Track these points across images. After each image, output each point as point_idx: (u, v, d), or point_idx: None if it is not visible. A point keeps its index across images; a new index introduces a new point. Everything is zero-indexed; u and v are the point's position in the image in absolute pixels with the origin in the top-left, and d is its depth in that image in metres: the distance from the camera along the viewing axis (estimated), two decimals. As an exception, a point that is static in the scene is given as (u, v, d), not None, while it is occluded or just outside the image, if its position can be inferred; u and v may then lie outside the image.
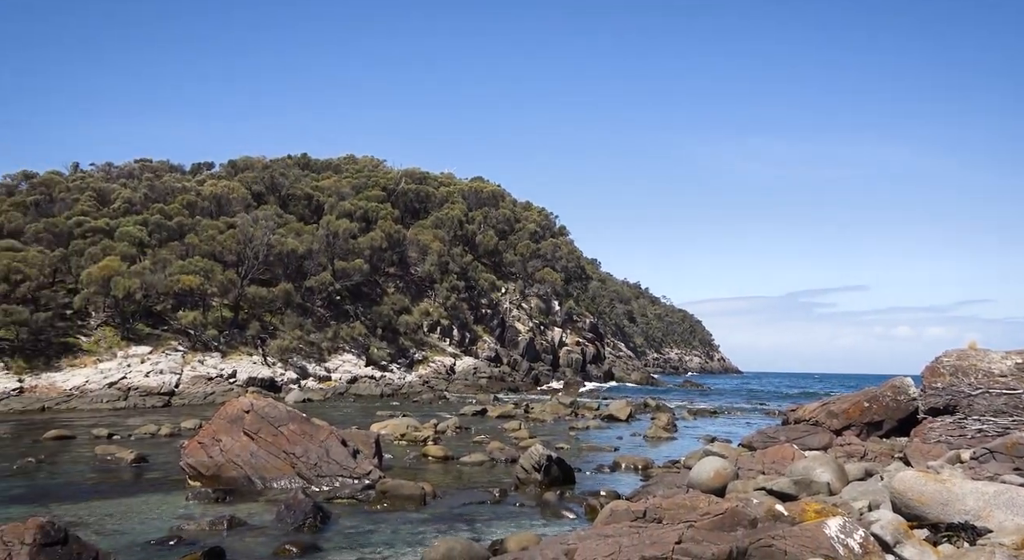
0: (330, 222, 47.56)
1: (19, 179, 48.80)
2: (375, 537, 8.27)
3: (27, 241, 38.93)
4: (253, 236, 41.73)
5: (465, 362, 48.06)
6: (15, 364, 32.90)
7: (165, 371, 33.37)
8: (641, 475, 12.82)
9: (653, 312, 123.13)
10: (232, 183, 50.75)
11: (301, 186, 54.29)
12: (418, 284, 53.64)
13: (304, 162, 64.12)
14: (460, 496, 10.64)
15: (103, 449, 15.01)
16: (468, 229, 58.49)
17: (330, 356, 41.31)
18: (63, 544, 6.01)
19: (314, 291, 44.15)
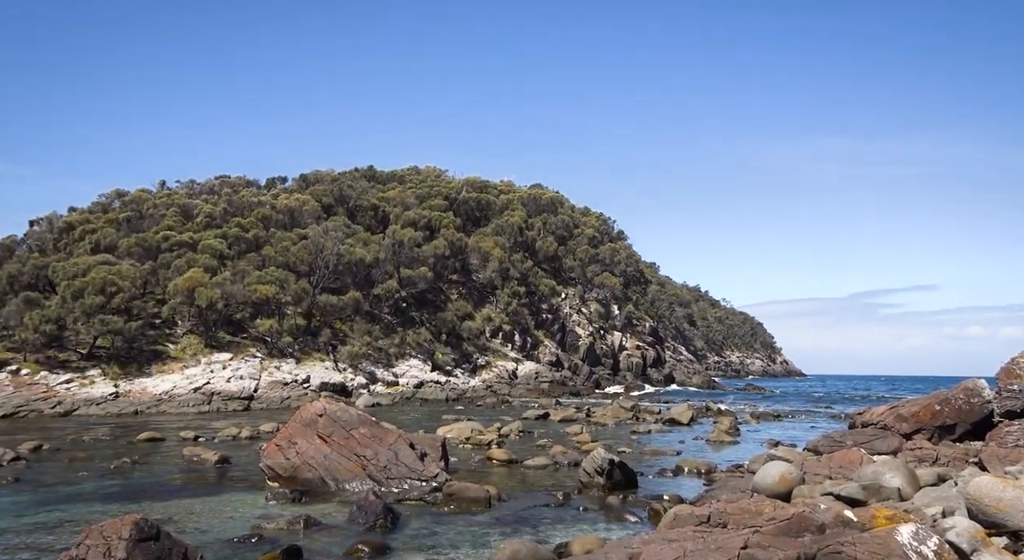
0: (395, 231, 48.71)
1: (112, 197, 51.95)
2: (442, 538, 8.59)
3: (120, 255, 41.42)
4: (324, 246, 43.16)
5: (527, 367, 48.35)
6: (111, 371, 35.06)
7: (245, 377, 34.88)
8: (704, 479, 12.78)
9: (713, 315, 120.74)
10: (304, 196, 52.61)
11: (368, 197, 55.78)
12: (480, 290, 54.31)
13: (370, 174, 65.83)
14: (524, 499, 10.87)
15: (190, 450, 15.94)
16: (528, 235, 58.86)
17: (397, 361, 42.28)
18: (155, 540, 6.54)
19: (381, 298, 45.30)
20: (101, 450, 17.40)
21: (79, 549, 6.14)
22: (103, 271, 37.24)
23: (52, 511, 10.20)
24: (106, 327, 35.24)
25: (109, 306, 36.00)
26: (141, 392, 33.34)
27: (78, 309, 35.45)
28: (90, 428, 23.54)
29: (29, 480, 12.90)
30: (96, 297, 35.72)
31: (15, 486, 12.28)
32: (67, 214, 49.62)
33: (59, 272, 38.53)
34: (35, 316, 35.21)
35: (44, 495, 11.47)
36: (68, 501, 10.96)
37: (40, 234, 47.63)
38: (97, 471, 13.95)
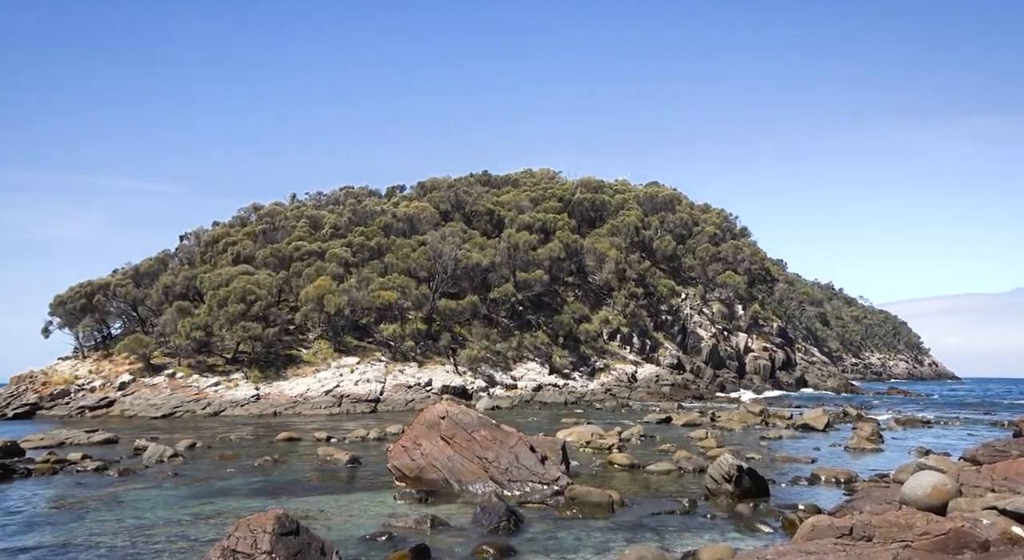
0: (511, 235, 49.28)
1: (250, 211, 55.90)
2: (565, 542, 8.55)
3: (258, 265, 44.45)
4: (442, 252, 44.35)
5: (646, 370, 47.45)
6: (252, 374, 37.65)
7: (371, 380, 36.41)
8: (844, 489, 12.01)
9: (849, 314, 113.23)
10: (422, 203, 54.35)
11: (483, 202, 56.80)
12: (596, 292, 53.90)
13: (485, 179, 67.02)
14: (648, 505, 10.64)
15: (324, 450, 16.79)
16: (644, 235, 57.82)
17: (515, 364, 42.70)
18: (295, 534, 6.90)
19: (498, 302, 45.95)
20: (246, 449, 18.67)
21: (230, 540, 6.58)
22: (243, 281, 40.08)
23: (206, 504, 11.04)
24: (247, 333, 37.89)
25: (249, 313, 38.67)
26: (279, 394, 35.55)
27: (223, 317, 38.31)
28: (235, 428, 25.35)
29: (186, 475, 14.04)
30: (238, 305, 38.47)
31: (175, 480, 13.40)
32: (211, 228, 53.83)
33: (206, 282, 41.85)
34: (187, 323, 38.40)
35: (198, 489, 12.43)
36: (219, 495, 11.81)
37: (189, 248, 51.97)
38: (243, 468, 14.97)
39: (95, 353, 43.82)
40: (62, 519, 10.21)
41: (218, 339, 39.40)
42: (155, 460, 16.05)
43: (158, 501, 11.35)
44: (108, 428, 23.97)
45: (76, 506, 11.12)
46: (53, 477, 14.29)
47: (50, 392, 38.19)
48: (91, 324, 45.17)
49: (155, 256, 50.41)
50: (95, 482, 13.48)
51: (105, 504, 11.16)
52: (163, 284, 44.04)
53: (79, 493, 12.26)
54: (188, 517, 10.08)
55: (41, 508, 11.11)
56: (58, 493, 12.40)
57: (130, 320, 46.46)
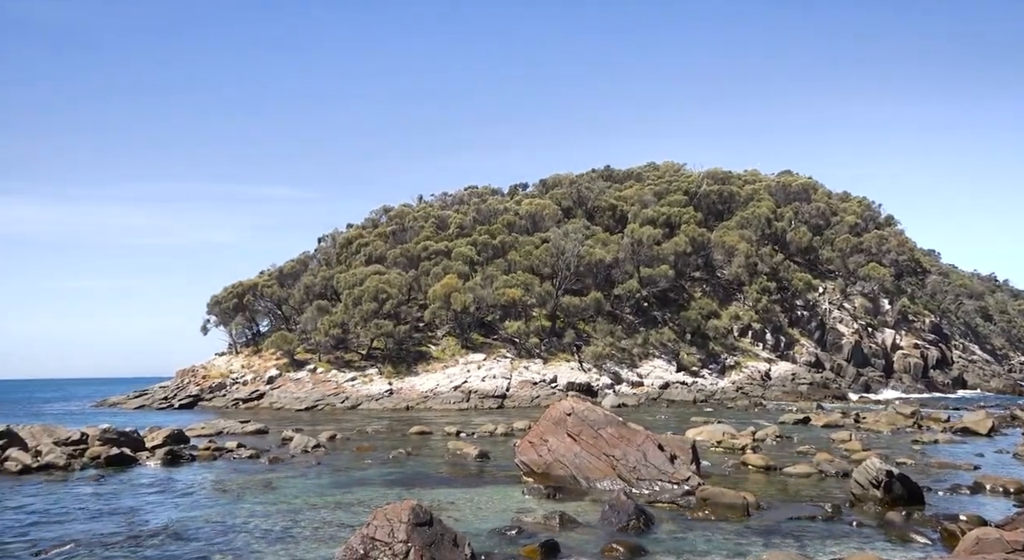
0: (634, 230, 48.53)
1: (380, 213, 58.52)
2: (697, 544, 8.29)
3: (388, 265, 46.44)
4: (564, 249, 44.39)
5: (781, 367, 45.22)
6: (386, 369, 39.40)
7: (497, 376, 37.07)
8: (1013, 500, 10.88)
9: (1016, 308, 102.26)
10: (544, 201, 54.65)
11: (605, 197, 56.31)
12: (725, 287, 52.00)
13: (607, 174, 66.42)
14: (785, 509, 10.12)
15: (453, 444, 17.28)
16: (777, 227, 55.11)
17: (641, 361, 42.02)
18: (429, 525, 7.12)
19: (622, 298, 45.39)
20: (381, 441, 19.55)
21: (369, 528, 6.89)
22: (376, 280, 41.99)
23: (346, 492, 11.65)
24: (380, 330, 39.67)
25: (381, 311, 40.46)
26: (410, 389, 36.96)
27: (357, 315, 40.32)
28: (371, 421, 26.59)
29: (328, 464, 14.90)
30: (371, 304, 40.35)
31: (318, 469, 14.25)
32: (346, 230, 56.80)
33: (341, 282, 44.21)
34: (325, 321, 40.73)
35: (339, 478, 13.14)
36: (357, 484, 12.42)
37: (326, 249, 55.10)
38: (379, 459, 15.68)
39: (246, 349, 47.46)
40: (222, 500, 11.11)
41: (354, 336, 41.50)
42: (300, 450, 17.14)
43: (304, 488, 12.11)
44: (259, 419, 25.88)
45: (234, 489, 12.07)
46: (213, 462, 15.60)
47: (209, 385, 41.75)
48: (242, 322, 48.97)
49: (296, 258, 53.90)
50: (249, 468, 14.58)
51: (258, 489, 12.04)
52: (304, 284, 46.97)
53: (236, 478, 13.30)
54: (330, 504, 10.67)
55: (205, 490, 12.15)
56: (218, 477, 13.52)
57: (276, 318, 49.94)
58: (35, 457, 14.51)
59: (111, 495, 11.64)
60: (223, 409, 36.83)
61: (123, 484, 12.77)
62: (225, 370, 43.90)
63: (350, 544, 6.86)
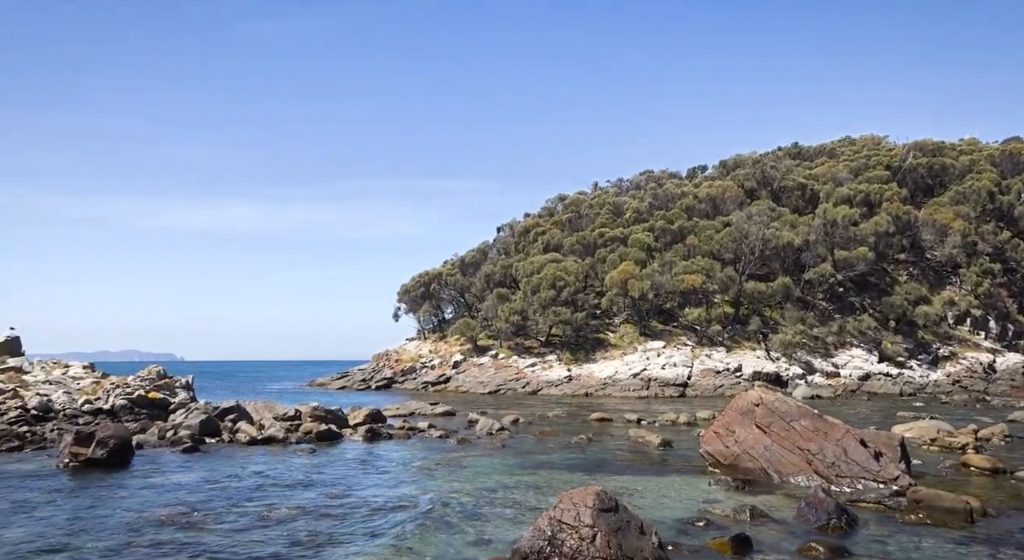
0: (827, 210, 44.97)
1: (556, 202, 59.22)
2: (909, 551, 7.53)
3: (565, 253, 46.93)
4: (748, 232, 42.21)
5: (1008, 359, 39.83)
6: (564, 356, 39.93)
7: (678, 364, 36.19)
8: None
9: None
10: (725, 182, 52.30)
11: (793, 177, 52.71)
12: (937, 270, 46.66)
13: (795, 151, 62.13)
14: (1020, 518, 8.91)
15: (635, 432, 17.12)
16: (1002, 201, 48.39)
17: (836, 351, 39.00)
18: (615, 512, 7.09)
19: (814, 283, 42.35)
20: (562, 426, 19.85)
21: (555, 511, 7.00)
22: (553, 268, 42.59)
23: (531, 474, 11.95)
24: (558, 317, 40.22)
25: (559, 299, 40.98)
26: (589, 376, 37.15)
27: (536, 302, 41.17)
28: (551, 406, 27.09)
29: (512, 447, 15.39)
30: (549, 291, 41.01)
31: (503, 451, 14.77)
32: (523, 219, 58.11)
33: (520, 270, 45.35)
34: (505, 308, 42.03)
35: (524, 461, 13.52)
36: (541, 467, 12.70)
37: (504, 239, 56.76)
38: (561, 444, 15.93)
39: (433, 335, 50.28)
40: (418, 477, 11.87)
41: (533, 323, 42.45)
42: (486, 432, 17.85)
43: (491, 468, 12.59)
44: (446, 401, 27.32)
45: (428, 466, 12.85)
46: (407, 441, 16.70)
47: (401, 369, 44.77)
48: (429, 309, 51.93)
49: (477, 247, 56.08)
50: (439, 447, 15.44)
51: (450, 467, 12.70)
52: (484, 273, 48.79)
53: (429, 456, 14.15)
54: (517, 484, 11.00)
55: (403, 466, 13.05)
56: (413, 455, 14.46)
57: (459, 305, 52.40)
58: (259, 430, 16.37)
59: (323, 466, 12.85)
60: (414, 391, 39.34)
61: (332, 457, 14.05)
62: (415, 355, 46.84)
63: (538, 525, 7.01)
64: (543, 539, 6.86)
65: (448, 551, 7.41)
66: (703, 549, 7.49)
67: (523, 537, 7.15)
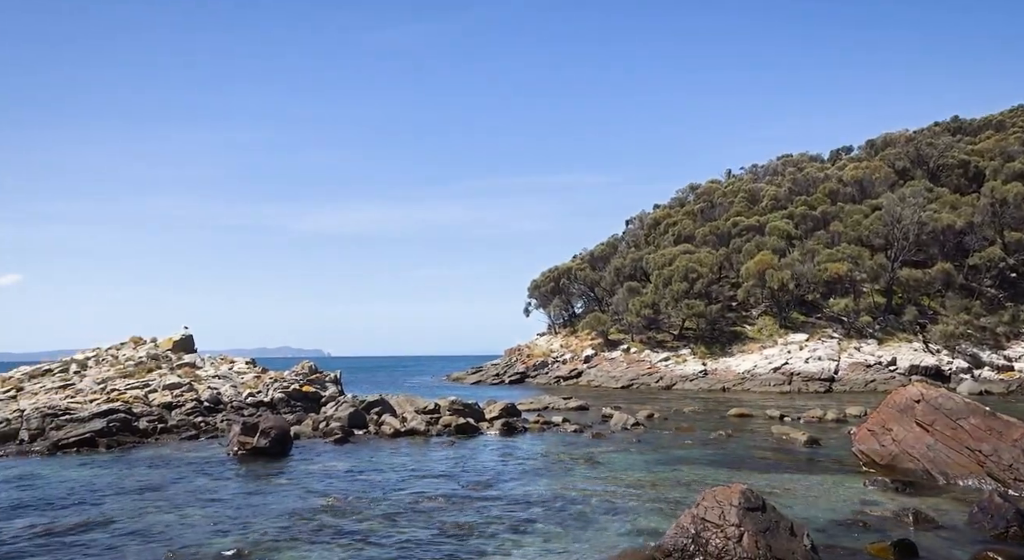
0: (994, 189, 40.73)
1: (687, 191, 57.65)
2: (1110, 566, 6.70)
3: (697, 244, 45.59)
4: (901, 216, 39.08)
5: None
6: (699, 350, 38.85)
7: (823, 358, 34.19)
8: None
9: None
10: (873, 163, 48.75)
11: (952, 153, 48.19)
12: None
13: (954, 126, 56.80)
14: None
15: (777, 429, 16.37)
16: None
17: (1009, 342, 35.31)
18: (762, 511, 6.82)
19: (980, 269, 38.55)
20: (699, 421, 19.32)
21: (699, 509, 6.84)
22: (685, 260, 41.49)
23: (669, 470, 11.73)
24: (691, 310, 39.15)
25: (692, 291, 39.87)
26: (725, 370, 35.89)
27: (668, 295, 40.29)
28: (686, 401, 26.44)
29: (648, 442, 15.18)
30: (681, 283, 39.99)
31: (639, 446, 14.60)
32: (652, 211, 57.03)
33: (651, 263, 44.55)
34: (636, 302, 41.46)
35: (661, 456, 13.29)
36: (680, 463, 12.44)
37: (634, 231, 55.96)
38: (699, 439, 15.52)
39: (563, 330, 50.47)
40: (557, 471, 11.97)
41: (665, 316, 41.58)
42: (620, 427, 17.71)
43: (627, 463, 12.48)
44: (578, 396, 27.35)
45: (565, 461, 12.93)
46: (543, 434, 16.89)
47: (533, 363, 45.30)
48: (559, 304, 52.18)
49: (606, 241, 55.66)
50: (575, 442, 15.50)
51: (585, 462, 12.72)
52: (614, 266, 48.33)
53: (564, 450, 14.24)
54: (656, 481, 10.84)
55: (540, 459, 13.22)
56: (549, 448, 14.61)
57: (589, 300, 52.26)
58: (402, 423, 17.14)
59: (464, 459, 13.26)
60: (546, 386, 39.70)
61: (472, 450, 14.46)
62: (546, 349, 47.24)
63: (681, 522, 6.88)
64: (687, 537, 6.72)
65: (590, 546, 7.43)
66: (860, 553, 7.04)
67: (666, 534, 7.03)
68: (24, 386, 20.15)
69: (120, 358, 22.67)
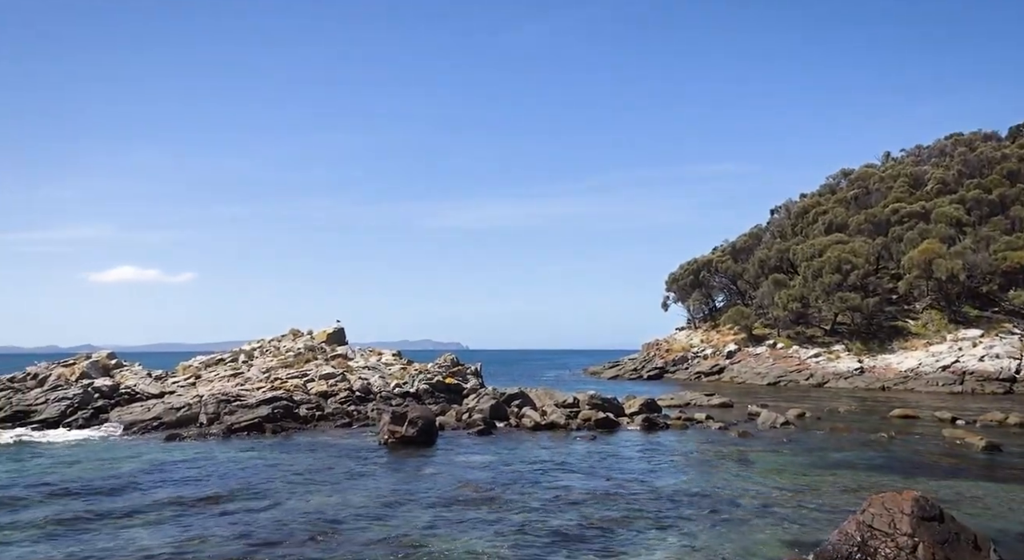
0: None
1: (839, 177, 53.91)
2: None
3: (851, 233, 42.54)
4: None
5: None
6: (854, 346, 36.32)
7: (1001, 355, 30.85)
8: None
9: None
10: (1059, 138, 43.31)
11: None
12: None
13: None
14: None
15: (950, 432, 14.96)
16: None
17: None
18: (939, 521, 6.20)
19: None
20: (856, 422, 18.03)
21: (865, 516, 6.34)
22: (837, 250, 38.84)
23: (827, 473, 10.99)
24: (844, 304, 36.62)
25: (845, 283, 37.27)
26: (885, 368, 33.28)
27: (818, 287, 37.92)
28: (840, 400, 24.77)
29: (800, 442, 14.35)
30: (833, 275, 37.50)
31: (790, 446, 13.83)
32: (799, 200, 53.85)
33: (798, 254, 42.09)
34: (783, 295, 39.36)
35: (816, 458, 12.51)
36: (837, 466, 11.63)
37: (779, 221, 53.11)
38: (857, 442, 14.47)
39: (704, 324, 48.88)
40: (703, 469, 11.60)
41: (815, 310, 39.20)
42: (768, 425, 16.87)
43: (779, 464, 11.85)
44: (721, 392, 26.34)
45: (711, 459, 12.50)
46: (685, 431, 16.42)
47: (672, 358, 44.23)
48: (699, 298, 50.60)
49: (748, 232, 53.23)
50: (720, 439, 14.94)
51: (733, 461, 12.21)
52: (758, 258, 46.14)
53: (710, 448, 13.76)
54: (811, 483, 10.20)
55: (685, 457, 12.86)
56: (693, 446, 14.18)
57: (731, 293, 50.26)
58: (542, 416, 17.27)
59: (605, 454, 13.14)
60: (686, 381, 38.62)
61: (612, 445, 14.31)
62: (685, 344, 45.97)
63: (844, 529, 6.40)
64: (852, 544, 6.25)
65: (741, 549, 7.10)
66: (1061, 576, 6.25)
67: (827, 540, 6.58)
68: (201, 374, 22.27)
69: (281, 349, 24.48)
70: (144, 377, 22.19)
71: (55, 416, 17.84)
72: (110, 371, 22.80)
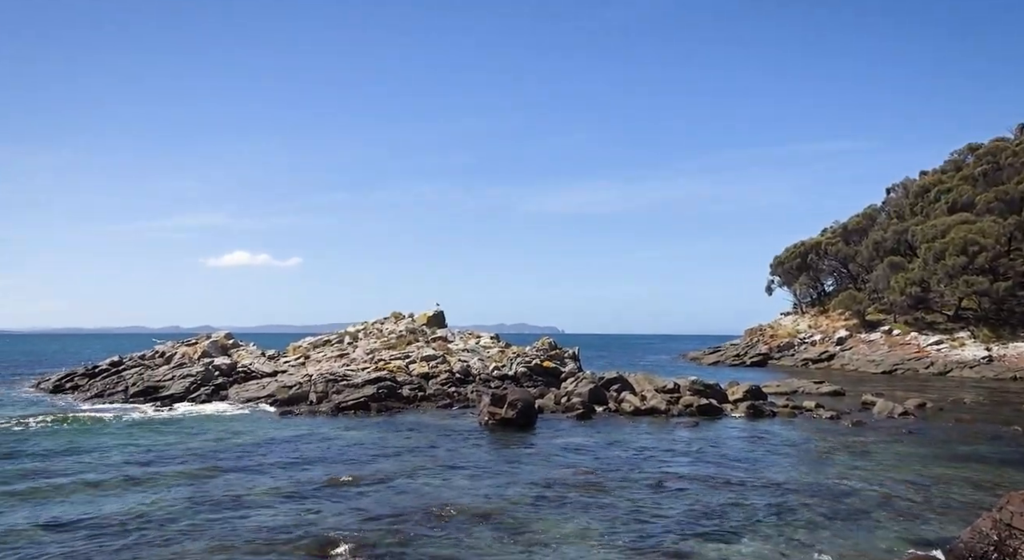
0: None
1: (965, 153, 49.92)
2: None
3: (979, 212, 39.39)
4: None
5: None
6: (981, 333, 33.81)
7: None
8: None
9: None
10: None
11: None
12: None
13: None
14: None
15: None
16: None
17: None
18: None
19: None
20: (984, 414, 16.77)
21: (1002, 513, 5.85)
22: (963, 230, 36.09)
23: (953, 467, 10.24)
24: (970, 288, 34.05)
25: (972, 266, 34.61)
26: (1017, 357, 30.78)
27: (940, 270, 35.41)
28: (965, 390, 23.09)
29: (921, 433, 13.49)
30: (957, 258, 34.90)
31: (910, 438, 13.01)
32: (919, 178, 50.31)
33: (918, 235, 39.40)
34: (900, 279, 37.03)
35: (941, 450, 11.70)
36: (967, 460, 10.83)
37: (897, 200, 49.84)
38: (986, 434, 13.45)
39: (811, 309, 46.74)
40: (815, 460, 11.09)
41: (936, 295, 36.68)
42: (885, 415, 15.94)
43: (899, 456, 11.16)
44: (831, 380, 25.09)
45: (823, 450, 11.92)
46: (793, 420, 15.74)
47: (777, 344, 42.58)
48: (806, 282, 48.37)
49: (861, 212, 50.28)
50: (831, 429, 14.22)
51: (849, 452, 11.58)
52: (872, 240, 43.57)
53: (822, 438, 13.13)
54: (937, 477, 9.54)
55: (794, 447, 12.33)
56: (803, 435, 13.58)
57: (841, 277, 47.76)
58: (642, 401, 17.01)
59: (709, 441, 12.80)
60: (792, 368, 37.05)
61: (716, 432, 13.92)
62: (792, 330, 44.13)
63: (979, 527, 5.93)
64: (987, 543, 5.79)
65: (865, 544, 6.72)
66: None
67: (959, 538, 6.13)
68: (310, 354, 23.31)
69: (384, 331, 25.25)
70: (258, 356, 23.48)
71: (180, 392, 19.19)
72: (228, 350, 24.26)
